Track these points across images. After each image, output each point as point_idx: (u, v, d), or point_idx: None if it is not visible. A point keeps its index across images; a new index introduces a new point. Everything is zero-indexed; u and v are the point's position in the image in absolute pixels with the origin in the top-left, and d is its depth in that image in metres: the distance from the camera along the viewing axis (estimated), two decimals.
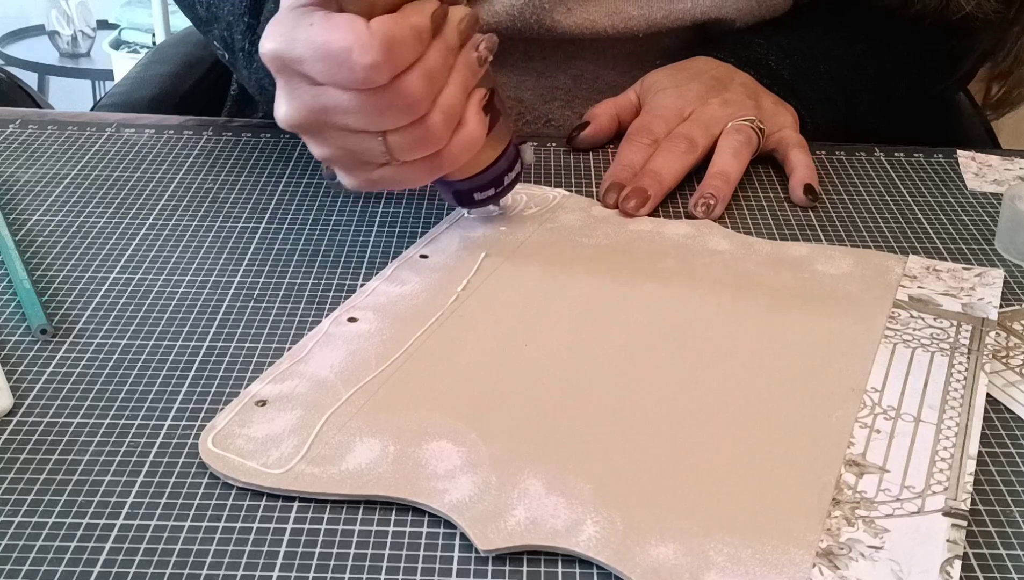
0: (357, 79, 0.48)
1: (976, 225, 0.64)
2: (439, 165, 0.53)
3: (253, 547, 0.39)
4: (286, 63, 0.49)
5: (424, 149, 0.52)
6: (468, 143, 0.53)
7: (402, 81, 0.49)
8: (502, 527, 0.40)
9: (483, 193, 0.58)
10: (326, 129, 0.51)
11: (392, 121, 0.50)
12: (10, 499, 0.41)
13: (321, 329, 0.51)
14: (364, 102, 0.49)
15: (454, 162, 0.53)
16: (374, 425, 0.45)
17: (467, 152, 0.54)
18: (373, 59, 0.47)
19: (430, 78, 0.50)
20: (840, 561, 0.38)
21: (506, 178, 0.59)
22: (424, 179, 0.54)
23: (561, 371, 0.49)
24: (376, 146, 0.51)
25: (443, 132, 0.52)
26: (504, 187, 0.59)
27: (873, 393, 0.48)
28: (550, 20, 0.74)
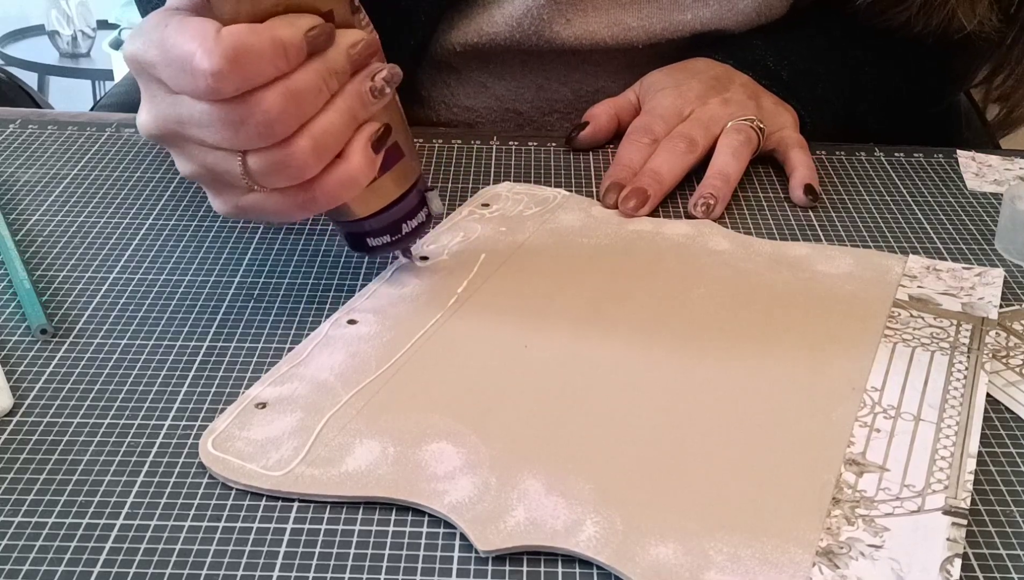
0: (199, 87, 0.44)
1: (976, 225, 0.64)
2: (312, 198, 0.49)
3: (253, 547, 0.39)
4: (143, 67, 0.47)
5: (287, 177, 0.47)
6: (346, 179, 0.48)
7: (258, 97, 0.45)
8: (502, 528, 0.40)
9: (377, 239, 0.53)
10: (185, 143, 0.48)
11: (247, 140, 0.46)
12: (10, 499, 0.41)
13: (321, 331, 0.51)
14: (216, 115, 0.45)
15: (329, 198, 0.49)
16: (374, 427, 0.45)
17: (345, 189, 0.49)
18: (214, 66, 0.44)
19: (294, 98, 0.46)
20: (840, 560, 0.38)
21: (404, 226, 0.53)
22: (298, 212, 0.50)
23: (561, 371, 0.49)
24: (235, 167, 0.47)
25: (310, 161, 0.47)
26: (402, 236, 0.53)
27: (873, 392, 0.48)
28: (549, 31, 0.74)
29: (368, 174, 0.49)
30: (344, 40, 0.47)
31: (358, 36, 0.48)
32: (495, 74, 0.78)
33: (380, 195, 0.52)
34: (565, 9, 0.74)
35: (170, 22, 0.45)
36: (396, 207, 0.52)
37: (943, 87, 0.84)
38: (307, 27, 0.46)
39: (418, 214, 0.54)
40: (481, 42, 0.75)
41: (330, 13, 0.47)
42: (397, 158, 0.51)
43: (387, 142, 0.50)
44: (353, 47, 0.48)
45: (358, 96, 0.48)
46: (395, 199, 0.52)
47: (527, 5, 0.73)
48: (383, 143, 0.50)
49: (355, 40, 0.48)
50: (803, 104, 0.73)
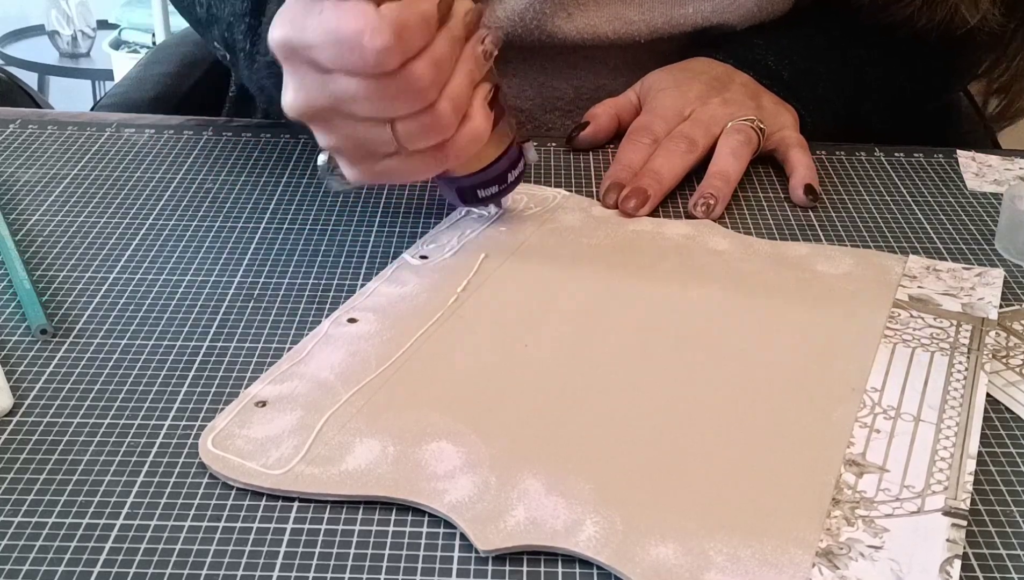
0: (368, 63, 0.48)
1: (976, 225, 0.64)
2: (445, 157, 0.53)
3: (253, 547, 0.39)
4: (296, 50, 0.49)
5: (432, 137, 0.52)
6: (474, 136, 0.53)
7: (411, 67, 0.49)
8: (502, 527, 0.40)
9: (486, 190, 0.58)
10: (334, 117, 0.51)
11: (401, 108, 0.50)
12: (10, 499, 0.41)
13: (321, 330, 0.51)
14: (373, 88, 0.49)
15: (460, 155, 0.54)
16: (374, 426, 0.45)
17: (473, 145, 0.54)
18: (384, 43, 0.47)
19: (438, 66, 0.50)
20: (840, 561, 0.38)
21: (509, 176, 0.59)
22: (430, 171, 0.54)
23: (561, 371, 0.49)
24: (384, 135, 0.51)
25: (451, 121, 0.52)
26: (507, 185, 0.59)
27: (873, 393, 0.48)
28: (551, 26, 0.74)
29: (488, 129, 0.54)
30: (460, 8, 0.52)
31: (468, 5, 0.52)
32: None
33: (490, 149, 0.57)
34: (567, 3, 0.74)
35: (323, 6, 0.48)
36: (503, 159, 0.58)
37: (945, 84, 0.84)
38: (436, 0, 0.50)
39: (519, 164, 0.59)
40: None
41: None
42: (501, 114, 0.56)
43: (498, 101, 0.55)
44: (467, 14, 0.52)
45: (474, 60, 0.52)
46: (502, 152, 0.58)
47: (533, 5, 0.73)
48: (494, 103, 0.54)
49: (468, 8, 0.52)
50: (804, 104, 0.73)
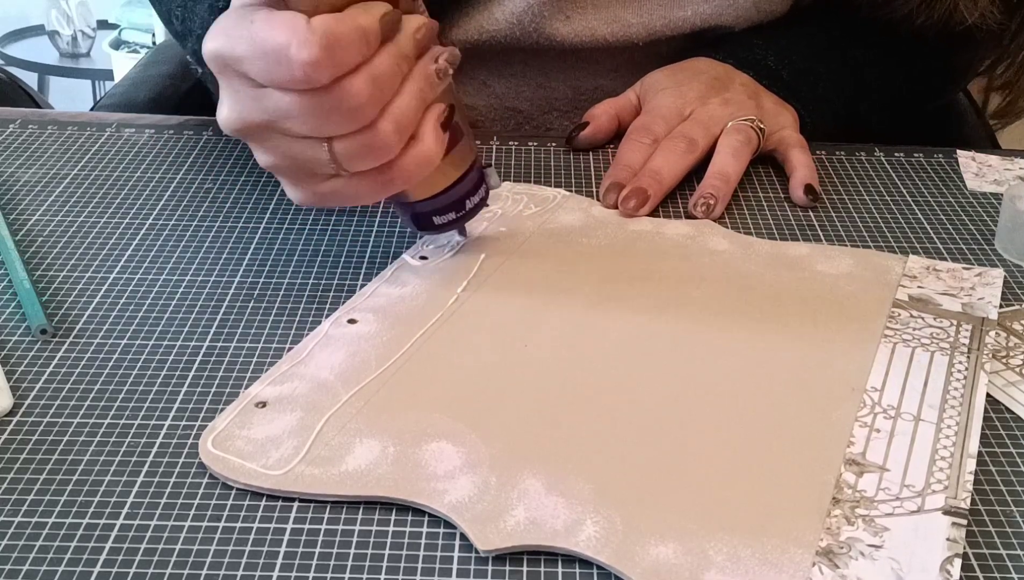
0: (295, 77, 0.45)
1: (976, 225, 0.64)
2: (391, 180, 0.50)
3: (253, 547, 0.39)
4: (227, 63, 0.47)
5: (373, 159, 0.49)
6: (422, 158, 0.50)
7: (346, 83, 0.46)
8: (502, 527, 0.40)
9: (443, 217, 0.55)
10: (270, 135, 0.49)
11: (336, 126, 0.48)
12: (10, 499, 0.41)
13: (321, 330, 0.51)
14: (306, 104, 0.47)
15: (407, 178, 0.51)
16: (374, 426, 0.45)
17: (421, 168, 0.50)
18: (311, 56, 0.45)
19: (377, 83, 0.47)
20: (840, 560, 0.38)
21: (468, 202, 0.55)
22: (375, 194, 0.51)
23: (561, 371, 0.49)
24: (322, 154, 0.48)
25: (393, 141, 0.49)
26: (466, 212, 0.56)
27: (873, 392, 0.48)
28: (549, 28, 0.74)
29: (439, 152, 0.51)
30: (410, 25, 0.49)
31: (421, 21, 0.50)
32: (495, 72, 0.78)
33: (446, 174, 0.54)
34: (565, 6, 0.74)
35: (255, 17, 0.46)
36: (460, 184, 0.55)
37: (945, 83, 0.84)
38: (380, 14, 0.47)
39: (479, 190, 0.56)
40: (482, 40, 0.75)
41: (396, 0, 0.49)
42: (458, 138, 0.53)
43: (452, 122, 0.52)
44: (418, 31, 0.49)
45: (426, 78, 0.50)
46: (459, 176, 0.54)
47: (527, 2, 0.73)
48: (449, 122, 0.51)
49: (419, 24, 0.50)
50: (804, 104, 0.73)
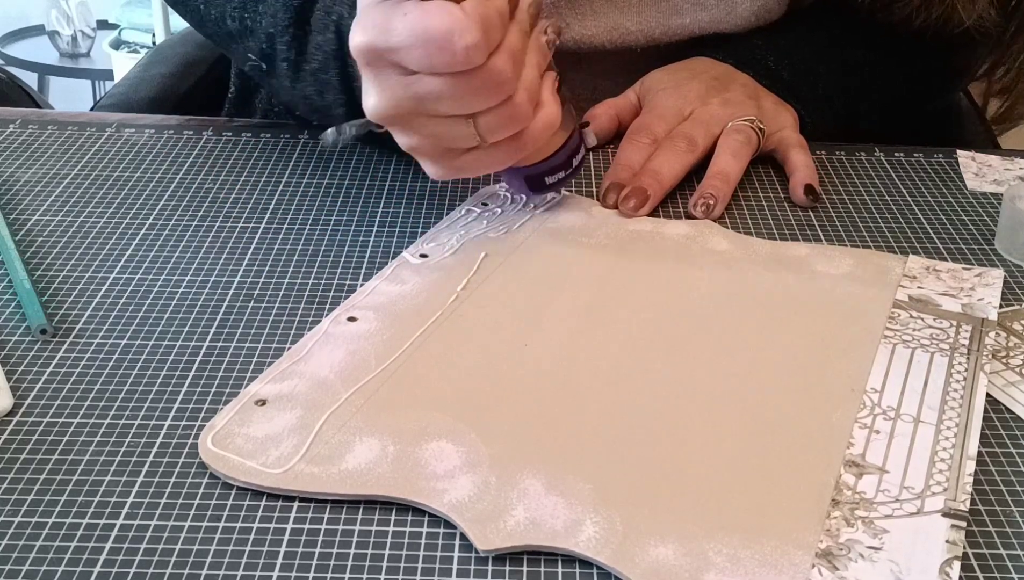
0: (459, 61, 0.48)
1: (976, 225, 0.64)
2: (523, 145, 0.55)
3: (253, 547, 0.39)
4: (380, 54, 0.50)
5: (512, 128, 0.53)
6: (547, 123, 0.55)
7: (493, 62, 0.50)
8: (501, 527, 0.40)
9: (554, 176, 0.60)
10: (417, 118, 0.52)
11: (483, 102, 0.51)
12: (10, 499, 0.41)
13: (321, 329, 0.51)
14: (459, 86, 0.50)
15: (536, 142, 0.55)
16: (374, 425, 0.45)
17: (547, 132, 0.55)
18: (474, 40, 0.48)
19: (515, 58, 0.51)
20: (839, 562, 0.38)
21: (574, 160, 0.60)
22: (508, 161, 0.56)
23: (561, 371, 0.49)
24: (466, 130, 0.52)
25: (528, 110, 0.53)
26: (572, 170, 0.61)
27: (873, 393, 0.48)
28: None
29: (559, 115, 0.55)
30: (523, 1, 0.53)
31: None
32: None
33: (557, 137, 0.58)
34: (564, 13, 0.74)
35: (406, 8, 0.48)
36: (567, 145, 0.59)
37: (944, 85, 0.84)
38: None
39: (581, 149, 0.61)
40: None
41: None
42: (564, 101, 0.57)
43: (562, 88, 0.56)
44: (531, 6, 0.53)
45: (539, 49, 0.54)
46: (567, 137, 0.59)
47: None
48: (561, 89, 0.56)
49: (529, 1, 0.53)
50: (803, 104, 0.73)
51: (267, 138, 0.73)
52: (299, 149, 0.71)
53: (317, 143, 0.72)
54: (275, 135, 0.73)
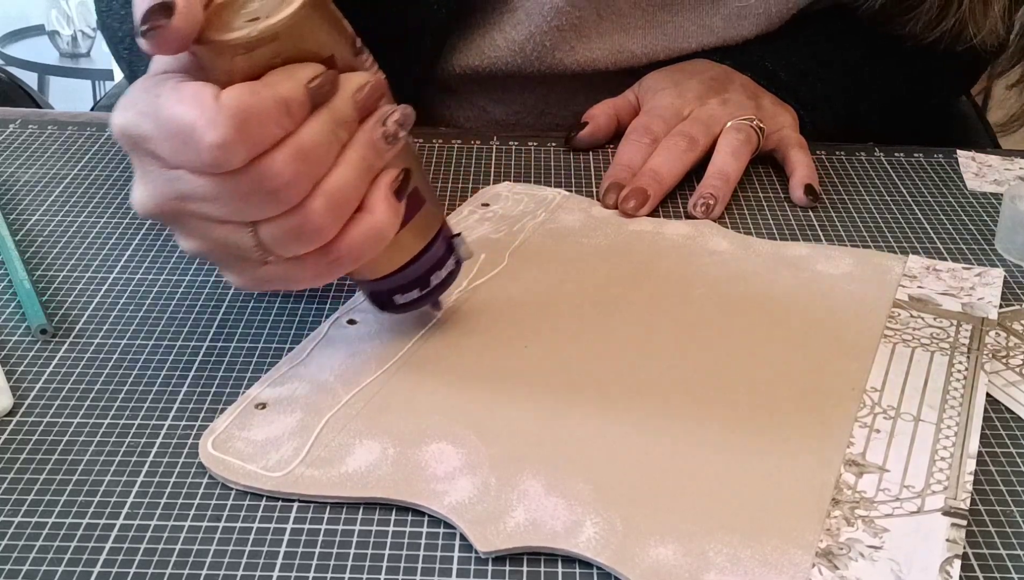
0: (204, 161, 0.40)
1: (976, 225, 0.64)
2: (336, 262, 0.44)
3: (253, 547, 0.39)
4: (135, 141, 0.42)
5: (305, 244, 0.43)
6: (371, 235, 0.44)
7: (266, 162, 0.41)
8: (502, 528, 0.40)
9: (405, 296, 0.49)
10: (188, 219, 0.43)
11: (258, 210, 0.42)
12: (10, 499, 0.41)
13: (320, 331, 0.51)
14: (222, 187, 0.41)
15: (355, 257, 0.44)
16: (374, 427, 0.45)
17: (371, 245, 0.44)
18: (220, 137, 0.39)
19: (304, 158, 0.41)
20: (840, 561, 0.38)
21: (433, 278, 0.49)
22: (322, 277, 0.45)
23: (560, 372, 0.49)
24: (246, 240, 0.43)
25: (328, 222, 0.43)
26: (431, 289, 0.49)
27: (873, 393, 0.48)
28: (551, 58, 0.74)
29: (393, 224, 0.45)
30: (349, 85, 0.43)
31: (363, 79, 0.43)
32: (495, 98, 0.78)
33: (405, 247, 0.47)
34: (568, 36, 0.73)
35: (162, 90, 0.41)
36: (423, 258, 0.48)
37: (945, 84, 0.84)
38: (308, 78, 0.41)
39: (446, 263, 0.49)
40: (482, 65, 0.75)
41: (331, 59, 0.43)
42: (419, 205, 0.47)
43: (408, 188, 0.45)
44: (359, 92, 0.43)
45: (371, 144, 0.44)
46: (421, 249, 0.48)
47: (530, 31, 0.73)
48: (404, 190, 0.45)
49: (360, 84, 0.43)
50: (802, 104, 0.73)
51: None
52: None
53: None
54: None
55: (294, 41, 0.41)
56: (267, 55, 0.41)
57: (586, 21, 0.73)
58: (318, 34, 0.42)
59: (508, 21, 0.73)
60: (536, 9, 0.72)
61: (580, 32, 0.73)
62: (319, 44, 0.42)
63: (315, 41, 0.42)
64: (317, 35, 0.42)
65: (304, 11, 0.41)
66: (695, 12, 0.74)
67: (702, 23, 0.74)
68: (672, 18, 0.74)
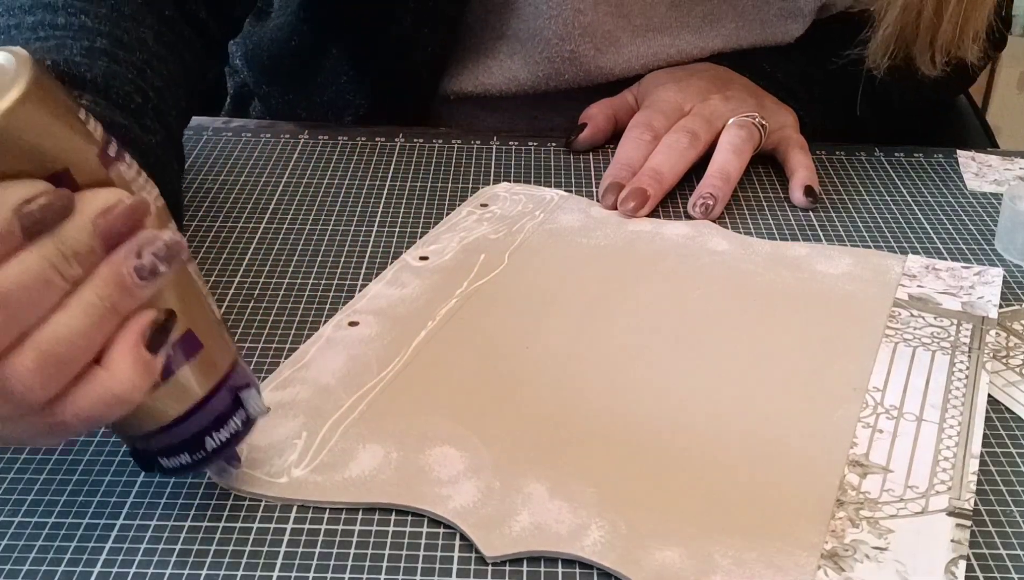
0: None
1: (976, 225, 0.64)
2: (58, 426, 0.35)
3: (253, 548, 0.39)
4: None
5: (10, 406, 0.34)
6: (106, 398, 0.35)
7: None
8: (506, 532, 0.39)
9: (172, 459, 0.39)
10: None
11: None
12: (10, 499, 0.41)
13: (322, 334, 0.51)
14: None
15: (83, 423, 0.35)
16: (376, 431, 0.44)
17: (106, 409, 0.35)
18: None
19: (4, 303, 0.33)
20: (845, 563, 0.38)
21: (210, 440, 0.39)
22: (44, 440, 0.38)
23: (562, 374, 0.48)
24: None
25: (36, 382, 0.34)
26: (207, 454, 0.39)
27: (875, 393, 0.47)
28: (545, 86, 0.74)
29: (140, 385, 0.35)
30: (89, 207, 0.34)
31: (112, 198, 0.34)
32: (488, 108, 0.78)
33: (167, 405, 0.38)
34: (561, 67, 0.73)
35: None
36: (195, 417, 0.38)
37: (942, 86, 0.84)
38: (20, 199, 0.32)
39: (230, 422, 0.39)
40: (476, 92, 0.75)
41: (64, 172, 0.34)
42: (193, 351, 0.37)
43: (169, 335, 0.36)
44: (104, 215, 0.34)
45: (116, 282, 0.34)
46: (193, 405, 0.38)
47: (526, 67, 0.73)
48: (163, 338, 0.36)
49: (107, 204, 0.34)
50: (800, 104, 0.73)
51: (267, 138, 0.73)
52: (299, 149, 0.71)
53: (317, 143, 0.72)
54: (275, 135, 0.73)
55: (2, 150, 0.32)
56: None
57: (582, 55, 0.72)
58: (41, 141, 0.33)
59: (503, 50, 0.73)
60: (529, 40, 0.72)
61: (574, 63, 0.73)
62: (43, 153, 0.33)
63: (36, 150, 0.33)
64: (39, 142, 0.33)
65: (15, 113, 0.32)
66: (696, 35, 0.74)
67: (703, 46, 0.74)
68: (674, 41, 0.74)
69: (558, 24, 0.71)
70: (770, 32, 0.75)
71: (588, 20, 0.71)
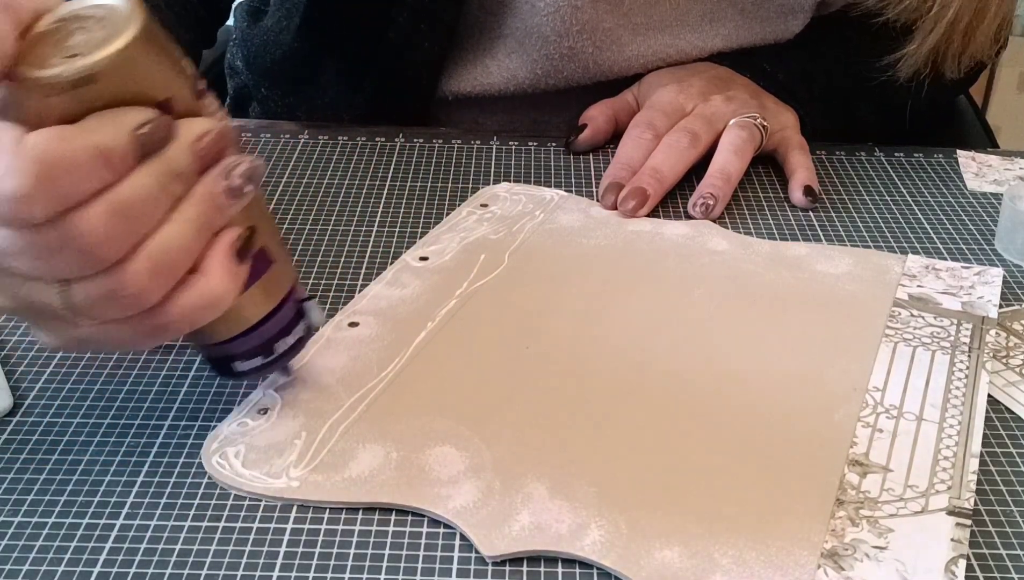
0: (2, 213, 0.36)
1: (976, 225, 0.64)
2: (163, 326, 0.39)
3: (253, 548, 0.39)
4: None
5: (121, 308, 0.38)
6: (204, 301, 0.39)
7: (76, 217, 0.36)
8: (507, 532, 0.39)
9: (246, 363, 0.44)
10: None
11: (67, 269, 0.37)
12: (10, 499, 0.41)
13: (322, 335, 0.51)
14: (26, 241, 0.37)
15: (184, 325, 0.40)
16: (377, 431, 0.44)
17: (203, 312, 0.40)
18: (19, 188, 0.35)
19: (123, 214, 0.37)
20: (845, 562, 0.38)
21: (278, 345, 0.44)
22: (144, 342, 0.41)
23: (563, 373, 0.48)
24: (55, 298, 0.38)
25: (149, 286, 0.38)
26: (275, 358, 0.44)
27: (875, 392, 0.47)
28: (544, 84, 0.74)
29: (231, 290, 0.40)
30: (188, 133, 0.38)
31: (205, 126, 0.39)
32: (487, 110, 0.78)
33: (247, 312, 0.43)
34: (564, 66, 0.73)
35: None
36: (267, 324, 0.43)
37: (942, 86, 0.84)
38: (135, 124, 0.37)
39: (294, 329, 0.45)
40: (475, 92, 0.75)
41: (167, 102, 0.38)
42: (265, 266, 0.42)
43: (252, 249, 0.41)
44: (199, 140, 0.38)
45: (210, 199, 0.39)
46: (266, 315, 0.43)
47: (525, 65, 0.73)
48: (248, 251, 0.41)
49: (202, 131, 0.39)
50: (801, 104, 0.73)
51: (267, 138, 0.73)
52: (299, 149, 0.71)
53: (317, 143, 0.72)
54: (275, 135, 0.73)
55: (119, 82, 0.37)
56: (87, 97, 0.36)
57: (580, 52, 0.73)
58: (150, 74, 0.37)
59: (501, 49, 0.73)
60: (527, 38, 0.72)
61: (577, 62, 0.73)
62: (151, 86, 0.38)
63: (146, 82, 0.37)
64: (149, 75, 0.37)
65: (130, 50, 0.36)
66: (697, 34, 0.74)
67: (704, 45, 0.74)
68: (674, 40, 0.74)
69: (555, 21, 0.71)
70: (770, 29, 0.75)
71: (586, 17, 0.71)
